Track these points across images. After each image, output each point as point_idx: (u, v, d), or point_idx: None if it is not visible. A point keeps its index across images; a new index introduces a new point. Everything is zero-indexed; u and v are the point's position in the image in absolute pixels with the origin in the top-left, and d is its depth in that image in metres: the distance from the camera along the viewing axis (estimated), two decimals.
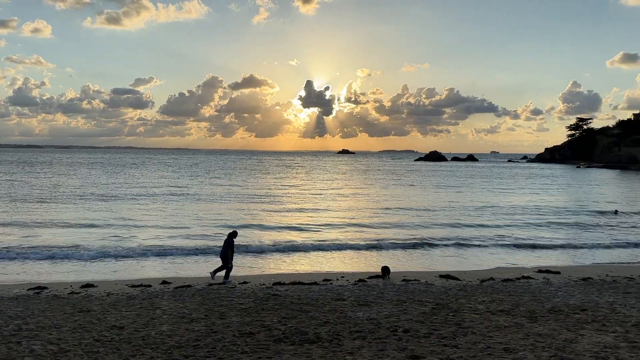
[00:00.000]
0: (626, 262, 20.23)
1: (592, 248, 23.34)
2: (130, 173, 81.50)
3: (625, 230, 28.51)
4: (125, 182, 61.31)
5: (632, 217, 33.85)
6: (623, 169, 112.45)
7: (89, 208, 34.75)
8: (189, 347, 8.54)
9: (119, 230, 25.08)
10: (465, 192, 55.55)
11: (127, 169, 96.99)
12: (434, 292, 13.19)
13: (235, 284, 14.57)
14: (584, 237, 26.15)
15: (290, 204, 40.85)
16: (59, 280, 15.40)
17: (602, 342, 8.84)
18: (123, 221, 28.31)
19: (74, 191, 47.41)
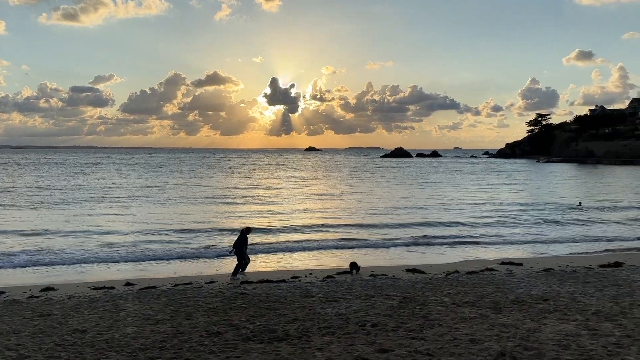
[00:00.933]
0: (585, 252, 20.89)
1: (556, 240, 24.00)
2: (89, 173, 79.44)
3: (589, 222, 29.42)
4: (84, 183, 59.72)
5: (596, 210, 34.97)
6: (580, 163, 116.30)
7: (47, 211, 33.68)
8: (154, 349, 8.36)
9: (80, 233, 24.37)
10: (430, 187, 56.40)
11: (86, 169, 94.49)
12: (401, 286, 13.32)
13: (202, 283, 14.36)
14: (547, 230, 26.89)
15: (257, 203, 40.62)
16: (18, 284, 14.84)
17: (564, 331, 9.09)
18: (84, 224, 27.54)
19: (30, 193, 45.88)
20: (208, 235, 24.31)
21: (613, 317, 9.99)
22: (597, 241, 23.53)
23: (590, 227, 27.90)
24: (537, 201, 40.91)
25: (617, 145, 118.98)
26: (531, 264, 17.10)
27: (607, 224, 28.87)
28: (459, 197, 44.70)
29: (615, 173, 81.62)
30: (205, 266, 18.15)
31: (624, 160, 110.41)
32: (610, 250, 21.34)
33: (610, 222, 29.36)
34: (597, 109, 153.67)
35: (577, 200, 39.01)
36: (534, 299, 11.57)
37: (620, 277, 14.30)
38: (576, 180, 69.05)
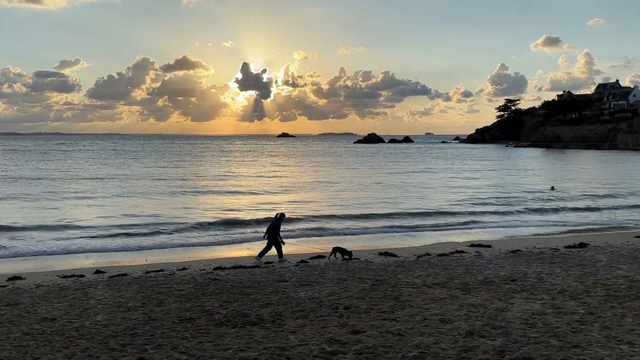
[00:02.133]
0: (552, 234, 21.46)
1: (525, 223, 24.55)
2: (56, 160, 77.59)
3: (559, 205, 30.11)
4: (51, 171, 58.33)
5: (567, 194, 35.84)
6: (548, 148, 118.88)
7: (12, 200, 32.83)
8: (126, 336, 8.29)
9: (48, 223, 23.81)
10: (403, 173, 56.94)
11: (52, 156, 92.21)
12: (373, 270, 13.48)
13: (174, 270, 14.24)
14: (517, 213, 27.45)
15: (228, 190, 40.38)
16: None
17: (530, 310, 9.36)
18: (50, 213, 26.94)
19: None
20: (180, 222, 24.08)
21: (577, 295, 10.33)
22: (564, 225, 24.11)
23: (559, 210, 28.58)
24: (508, 186, 41.72)
25: (583, 130, 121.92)
26: (499, 246, 17.49)
27: (576, 207, 29.61)
28: (430, 182, 45.28)
29: (583, 157, 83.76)
30: (177, 254, 17.99)
31: (589, 144, 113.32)
32: (576, 232, 21.98)
33: (579, 205, 30.12)
34: (565, 95, 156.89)
35: (549, 185, 39.85)
36: (502, 280, 11.87)
37: (585, 257, 14.76)
38: (546, 164, 70.61)
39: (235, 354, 7.38)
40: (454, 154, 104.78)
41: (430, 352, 7.26)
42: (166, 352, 7.49)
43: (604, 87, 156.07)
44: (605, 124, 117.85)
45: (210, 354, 7.41)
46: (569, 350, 7.24)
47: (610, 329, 8.16)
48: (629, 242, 17.84)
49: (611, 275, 12.19)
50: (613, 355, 7.02)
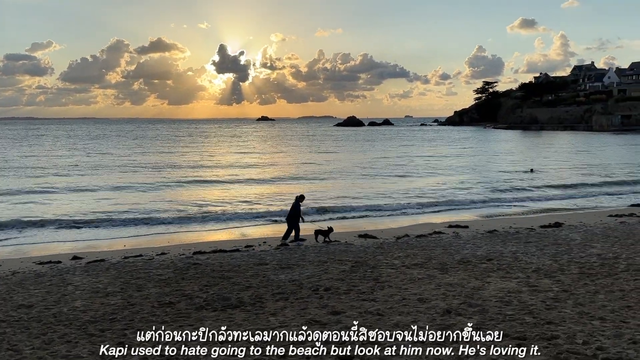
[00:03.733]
0: (528, 214, 21.85)
1: (503, 204, 24.96)
2: (30, 146, 75.99)
3: (539, 186, 30.62)
4: (24, 155, 57.17)
5: (547, 174, 36.41)
6: (525, 129, 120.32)
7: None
8: (105, 321, 8.24)
9: (20, 206, 23.41)
10: (382, 155, 57.17)
11: (24, 141, 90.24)
12: (353, 252, 13.58)
13: (152, 255, 14.15)
14: (495, 194, 27.84)
15: (208, 173, 40.13)
16: None
17: (506, 288, 9.56)
18: (24, 197, 26.45)
19: None
20: (158, 207, 23.87)
21: (552, 274, 10.57)
22: (541, 206, 24.55)
23: (537, 191, 29.04)
24: (487, 168, 42.24)
25: (559, 111, 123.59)
26: (477, 227, 17.75)
27: (553, 188, 30.14)
28: (409, 165, 45.58)
29: (560, 139, 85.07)
30: (156, 239, 17.86)
31: (565, 126, 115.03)
32: (551, 211, 22.42)
33: (556, 186, 30.65)
34: (542, 77, 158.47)
35: (528, 167, 40.38)
36: (479, 259, 12.07)
37: (560, 236, 15.08)
38: (523, 146, 71.54)
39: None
40: (433, 136, 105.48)
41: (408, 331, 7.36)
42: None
43: (579, 69, 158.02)
44: (581, 105, 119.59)
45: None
46: (543, 327, 7.43)
47: (583, 306, 8.38)
48: (602, 222, 18.27)
49: (585, 253, 12.49)
50: (585, 331, 7.22)
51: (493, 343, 6.80)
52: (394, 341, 6.95)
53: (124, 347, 7.03)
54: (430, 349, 6.68)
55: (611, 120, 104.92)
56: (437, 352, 6.58)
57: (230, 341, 7.17)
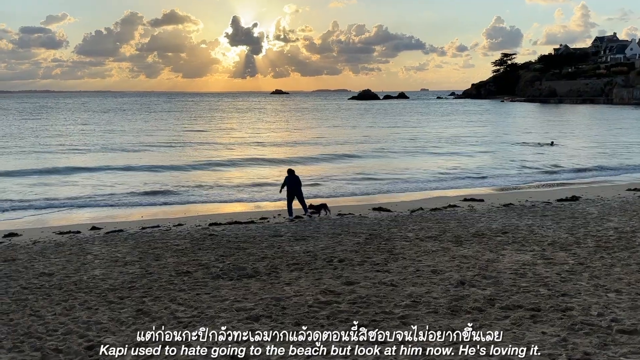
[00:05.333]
0: (544, 187, 21.65)
1: (521, 176, 24.74)
2: (51, 118, 76.76)
3: (556, 159, 30.27)
4: (46, 128, 57.84)
5: (567, 148, 35.93)
6: (543, 102, 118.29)
7: (4, 157, 32.66)
8: (124, 289, 8.43)
9: (42, 180, 23.74)
10: (399, 128, 56.77)
11: (46, 113, 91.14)
12: (367, 224, 13.62)
13: (170, 226, 14.33)
14: (514, 168, 27.60)
15: (225, 148, 40.29)
16: None
17: (521, 260, 9.55)
18: (45, 170, 26.84)
19: None
20: (176, 179, 24.11)
21: (568, 247, 10.52)
22: (559, 179, 24.27)
23: (557, 165, 28.70)
24: (506, 140, 41.77)
25: (579, 84, 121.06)
26: (492, 200, 17.65)
27: (573, 161, 29.76)
28: (427, 137, 45.21)
29: (579, 112, 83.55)
30: (172, 210, 18.07)
31: (585, 99, 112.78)
32: (568, 185, 22.18)
33: (576, 160, 30.26)
34: (562, 48, 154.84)
35: (548, 140, 39.83)
36: (494, 232, 12.04)
37: (577, 210, 14.94)
38: (543, 119, 70.46)
39: (232, 304, 7.53)
40: (449, 109, 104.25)
41: (422, 301, 7.43)
42: (164, 304, 7.63)
43: (601, 40, 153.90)
44: (602, 78, 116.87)
45: (207, 304, 7.56)
46: (558, 299, 7.43)
47: (599, 278, 8.35)
48: (619, 195, 18.04)
49: (601, 227, 12.38)
50: (600, 303, 7.21)
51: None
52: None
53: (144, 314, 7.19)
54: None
55: (632, 93, 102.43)
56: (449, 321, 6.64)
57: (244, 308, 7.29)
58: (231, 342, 6.20)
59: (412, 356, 5.68)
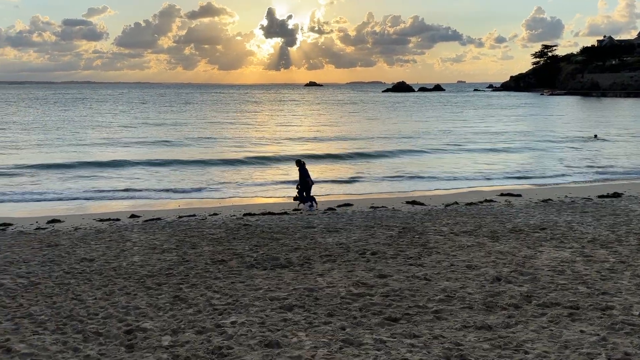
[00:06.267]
0: (585, 183, 21.04)
1: (559, 172, 24.11)
2: (92, 109, 78.97)
3: (599, 154, 29.40)
4: (86, 119, 59.52)
5: (611, 141, 34.86)
6: (585, 96, 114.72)
7: (49, 148, 33.80)
8: (161, 276, 8.64)
9: (82, 172, 24.40)
10: (434, 121, 56.07)
11: (88, 104, 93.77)
12: (400, 217, 13.54)
13: (205, 215, 14.58)
14: (553, 162, 26.93)
15: (260, 140, 40.66)
16: (24, 217, 15.10)
17: (559, 257, 9.32)
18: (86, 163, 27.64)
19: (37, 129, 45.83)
20: (212, 173, 24.50)
21: (609, 244, 10.22)
22: (602, 174, 23.53)
23: (599, 158, 27.87)
24: (548, 134, 40.76)
25: (623, 76, 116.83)
26: (530, 195, 17.27)
27: (615, 155, 28.84)
28: (463, 132, 44.51)
29: (623, 105, 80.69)
30: (208, 199, 18.37)
31: (629, 92, 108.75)
32: (610, 180, 21.50)
33: (619, 154, 29.31)
34: (605, 40, 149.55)
35: (591, 133, 38.71)
36: (531, 228, 11.79)
37: (619, 207, 14.48)
38: (586, 112, 68.42)
39: (265, 293, 7.63)
40: (487, 102, 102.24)
41: (456, 296, 7.35)
42: (200, 291, 7.80)
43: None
44: None
45: (242, 293, 7.68)
46: (597, 297, 7.23)
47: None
48: None
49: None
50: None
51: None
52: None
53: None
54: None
55: None
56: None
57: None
58: (265, 330, 6.29)
59: (446, 351, 5.64)
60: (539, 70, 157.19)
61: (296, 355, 5.60)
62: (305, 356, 5.58)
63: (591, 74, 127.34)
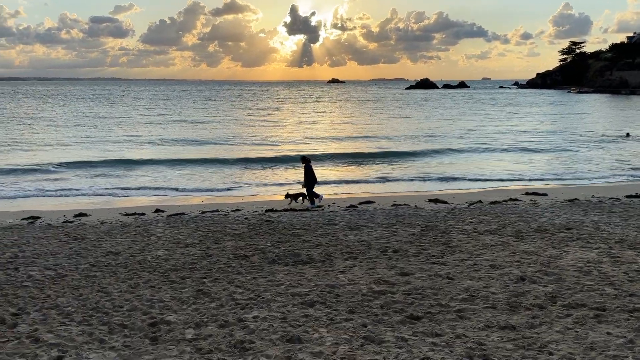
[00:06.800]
0: (613, 182, 20.59)
1: (587, 171, 23.64)
2: (119, 105, 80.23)
3: (632, 153, 28.74)
4: (113, 116, 60.50)
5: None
6: (613, 94, 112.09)
7: (81, 145, 34.46)
8: (185, 270, 8.75)
9: (110, 169, 24.73)
10: (458, 118, 55.48)
11: (115, 101, 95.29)
12: (423, 215, 13.44)
13: (228, 211, 14.70)
14: (582, 161, 26.42)
15: (280, 138, 40.78)
16: (52, 210, 15.44)
17: (585, 258, 9.15)
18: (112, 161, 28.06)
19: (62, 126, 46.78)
20: (235, 172, 24.67)
21: (637, 245, 9.98)
22: (633, 172, 22.99)
23: (629, 157, 27.23)
24: (577, 131, 40.00)
25: None
26: (556, 194, 16.97)
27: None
28: (488, 131, 43.94)
29: None
30: (230, 195, 18.51)
31: None
32: (638, 180, 21.00)
33: None
34: (635, 36, 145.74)
35: (623, 131, 37.84)
36: (557, 228, 11.59)
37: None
38: (616, 109, 66.92)
39: (287, 289, 7.67)
40: (513, 99, 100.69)
41: (479, 296, 7.28)
42: (222, 285, 7.87)
43: None
44: None
45: (264, 288, 7.73)
46: (625, 299, 7.08)
47: None
48: None
49: None
50: None
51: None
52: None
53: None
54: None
55: None
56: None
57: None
58: (287, 325, 6.32)
59: (468, 350, 5.58)
60: (566, 67, 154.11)
61: (317, 351, 5.62)
62: (326, 352, 5.59)
63: (620, 72, 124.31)
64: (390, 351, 5.59)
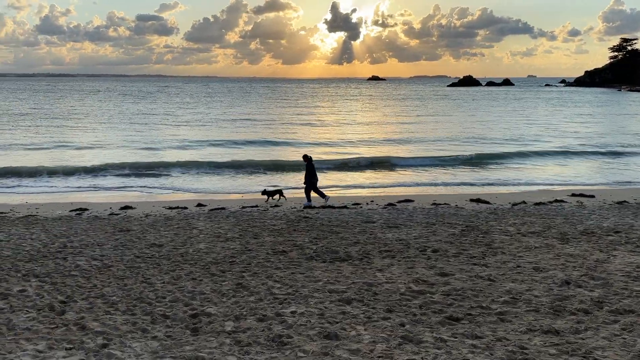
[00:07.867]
0: None
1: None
2: (166, 103, 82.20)
3: None
4: (159, 113, 62.02)
5: None
6: None
7: (127, 146, 35.48)
8: (225, 263, 8.90)
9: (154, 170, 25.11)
10: (504, 117, 54.23)
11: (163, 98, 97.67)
12: (464, 215, 13.22)
13: (267, 207, 14.86)
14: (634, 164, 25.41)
15: (321, 134, 40.87)
16: (99, 202, 15.99)
17: (634, 262, 8.80)
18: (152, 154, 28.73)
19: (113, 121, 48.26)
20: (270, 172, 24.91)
21: None
22: None
23: None
24: (627, 132, 38.49)
25: None
26: (604, 196, 16.38)
27: None
28: (534, 130, 42.77)
29: None
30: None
31: None
32: None
33: None
34: None
35: None
36: (604, 231, 11.19)
37: None
38: None
39: (324, 286, 7.69)
40: (560, 98, 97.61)
41: (522, 299, 7.10)
42: (261, 280, 7.97)
43: None
44: None
45: (301, 284, 7.78)
46: None
47: None
48: None
49: None
50: None
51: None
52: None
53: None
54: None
55: None
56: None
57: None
58: (324, 321, 6.34)
59: (509, 354, 5.46)
60: (616, 65, 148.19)
61: (355, 349, 5.61)
62: (363, 350, 5.59)
63: None
64: (429, 352, 5.53)
